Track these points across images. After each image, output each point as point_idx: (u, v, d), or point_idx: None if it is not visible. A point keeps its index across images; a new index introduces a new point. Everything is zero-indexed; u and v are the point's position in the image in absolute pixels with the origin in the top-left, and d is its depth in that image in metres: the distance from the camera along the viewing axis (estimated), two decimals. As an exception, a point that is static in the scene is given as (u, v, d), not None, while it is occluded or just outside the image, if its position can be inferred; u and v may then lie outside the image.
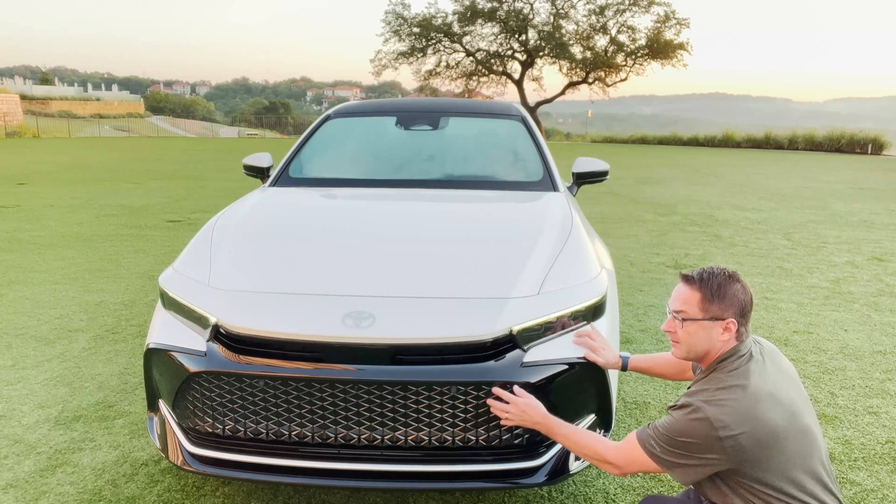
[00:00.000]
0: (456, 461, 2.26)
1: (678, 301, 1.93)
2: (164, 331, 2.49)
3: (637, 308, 5.38)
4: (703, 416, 1.75)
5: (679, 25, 40.51)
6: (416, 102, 4.80)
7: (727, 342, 1.89)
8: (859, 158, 27.67)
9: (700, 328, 1.89)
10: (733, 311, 1.86)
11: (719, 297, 1.87)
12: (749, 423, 1.72)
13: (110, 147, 30.76)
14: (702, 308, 1.88)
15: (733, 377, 1.81)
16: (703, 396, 1.80)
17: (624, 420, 3.41)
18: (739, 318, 1.87)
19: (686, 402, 1.82)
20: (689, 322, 1.91)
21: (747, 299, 1.89)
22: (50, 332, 4.66)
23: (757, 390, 1.77)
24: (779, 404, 1.77)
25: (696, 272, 1.93)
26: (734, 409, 1.74)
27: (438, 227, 3.13)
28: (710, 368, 1.91)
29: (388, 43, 44.00)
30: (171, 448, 2.42)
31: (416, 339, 2.22)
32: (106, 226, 9.03)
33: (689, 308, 1.91)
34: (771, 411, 1.74)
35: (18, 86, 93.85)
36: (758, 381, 1.79)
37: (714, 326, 1.87)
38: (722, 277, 1.88)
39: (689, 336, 1.92)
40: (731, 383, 1.79)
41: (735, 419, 1.72)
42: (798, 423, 1.78)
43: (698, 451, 1.77)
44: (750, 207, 11.62)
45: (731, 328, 1.87)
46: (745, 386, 1.77)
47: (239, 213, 3.23)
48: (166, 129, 69.56)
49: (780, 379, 1.86)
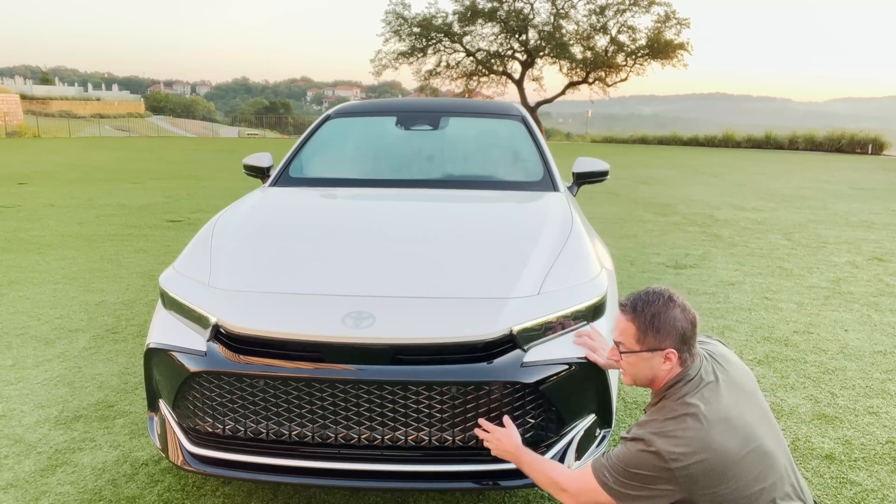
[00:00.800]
0: (456, 461, 2.26)
1: (616, 331, 1.88)
2: (165, 331, 2.50)
3: (637, 308, 5.38)
4: (653, 450, 1.71)
5: (679, 25, 40.50)
6: (417, 102, 4.80)
7: (671, 370, 1.83)
8: (859, 158, 27.67)
9: (639, 359, 1.84)
10: (671, 340, 1.79)
11: (654, 329, 1.80)
12: (701, 452, 1.67)
13: (110, 147, 30.77)
14: (637, 340, 1.82)
15: (682, 405, 1.75)
16: (653, 428, 1.75)
17: (624, 420, 3.41)
18: (680, 345, 1.80)
19: (637, 436, 1.77)
20: (627, 354, 1.85)
21: (687, 325, 1.80)
22: (50, 332, 4.66)
23: (708, 417, 1.71)
24: (732, 429, 1.72)
25: (631, 300, 1.85)
26: (685, 440, 1.69)
27: (438, 227, 3.13)
28: (658, 395, 1.86)
29: (388, 43, 44.02)
30: (172, 448, 2.42)
31: (416, 339, 2.22)
32: (106, 226, 9.03)
33: (625, 339, 1.85)
34: (723, 438, 1.69)
35: (18, 86, 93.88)
36: (709, 408, 1.73)
37: (654, 357, 1.82)
38: (657, 305, 1.80)
39: (631, 367, 1.87)
40: (681, 412, 1.74)
41: (686, 450, 1.68)
42: (753, 445, 1.72)
43: (650, 482, 1.72)
44: (750, 207, 11.61)
45: (672, 358, 1.81)
46: (696, 414, 1.72)
47: (239, 214, 3.23)
48: (166, 129, 69.57)
49: (735, 398, 1.80)
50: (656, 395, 1.88)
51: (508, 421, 2.19)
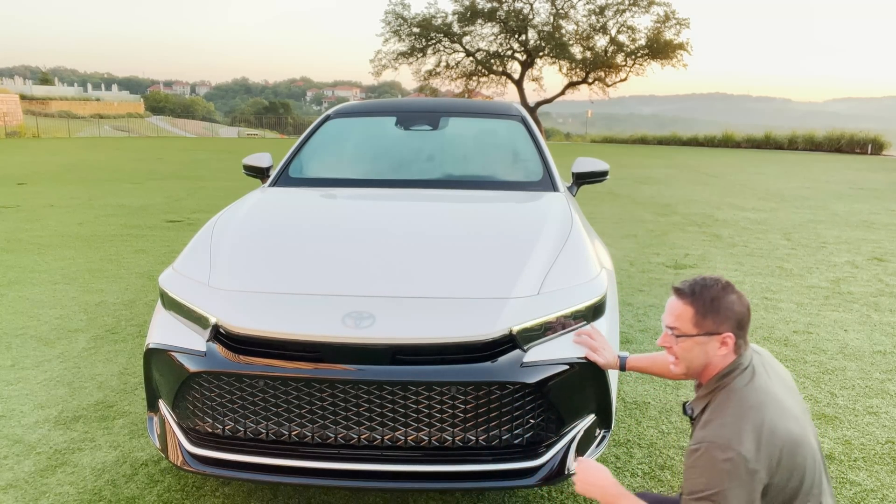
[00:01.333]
0: (456, 461, 2.26)
1: (671, 316, 1.85)
2: (164, 331, 2.50)
3: (637, 308, 5.38)
4: (731, 457, 1.63)
5: (679, 25, 40.50)
6: (416, 102, 4.80)
7: (725, 356, 1.80)
8: (859, 158, 27.67)
9: (696, 344, 1.80)
10: (729, 324, 1.78)
11: (713, 311, 1.78)
12: (774, 443, 1.66)
13: (110, 147, 30.76)
14: (695, 324, 1.80)
15: (743, 397, 1.74)
16: (720, 429, 1.69)
17: (624, 420, 3.41)
18: (736, 330, 1.78)
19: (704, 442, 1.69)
20: (683, 338, 1.82)
21: (744, 310, 1.79)
22: (50, 332, 4.66)
23: (769, 405, 1.71)
24: (791, 416, 1.72)
25: (688, 285, 1.83)
26: (754, 434, 1.66)
27: (438, 227, 3.13)
28: (711, 385, 1.83)
29: (388, 43, 44.01)
30: (171, 448, 2.42)
31: (416, 339, 2.22)
32: (106, 226, 9.03)
33: (682, 324, 1.82)
34: (788, 423, 1.69)
35: (18, 86, 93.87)
36: (766, 396, 1.73)
37: (710, 341, 1.79)
38: (716, 290, 1.79)
39: (686, 352, 1.83)
40: (745, 405, 1.71)
41: (759, 442, 1.65)
42: (805, 437, 1.72)
43: (744, 482, 1.64)
44: (750, 207, 11.62)
45: (729, 342, 1.78)
46: (756, 405, 1.71)
47: (239, 214, 3.23)
48: (166, 130, 69.55)
49: (784, 390, 1.81)
50: (707, 387, 1.84)
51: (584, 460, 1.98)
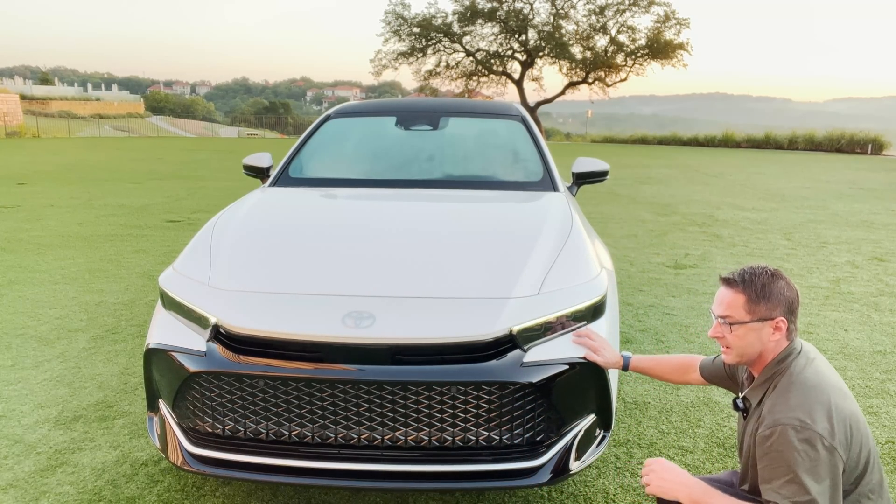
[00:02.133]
0: (456, 461, 2.26)
1: (722, 306, 1.88)
2: (164, 331, 2.50)
3: (637, 308, 5.38)
4: (808, 436, 1.67)
5: (679, 25, 40.51)
6: (416, 102, 4.80)
7: (779, 342, 1.84)
8: (859, 158, 27.67)
9: (749, 331, 1.84)
10: (781, 309, 1.82)
11: (765, 297, 1.82)
12: (843, 419, 1.71)
13: (110, 147, 30.76)
14: (748, 310, 1.83)
15: (805, 378, 1.78)
16: (790, 411, 1.72)
17: (624, 420, 3.41)
18: (788, 315, 1.83)
19: (775, 425, 1.71)
20: (737, 326, 1.85)
21: (793, 296, 1.84)
22: (50, 332, 4.66)
23: (829, 384, 1.77)
24: (848, 395, 1.78)
25: (738, 273, 1.88)
26: (825, 412, 1.69)
27: (438, 226, 3.13)
28: (768, 372, 1.86)
29: (388, 43, 44.03)
30: (171, 448, 2.42)
31: (416, 339, 2.22)
32: (106, 226, 9.03)
33: (734, 312, 1.85)
34: (847, 401, 1.76)
35: (18, 86, 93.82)
36: (824, 378, 1.79)
37: (763, 327, 1.83)
38: (765, 276, 1.84)
39: (739, 340, 1.86)
40: (809, 385, 1.75)
41: (831, 421, 1.68)
42: (860, 412, 1.79)
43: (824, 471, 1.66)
44: (750, 207, 11.61)
45: (782, 327, 1.82)
46: (819, 385, 1.76)
47: (239, 213, 3.22)
48: (166, 130, 69.55)
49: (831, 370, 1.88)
50: (764, 374, 1.87)
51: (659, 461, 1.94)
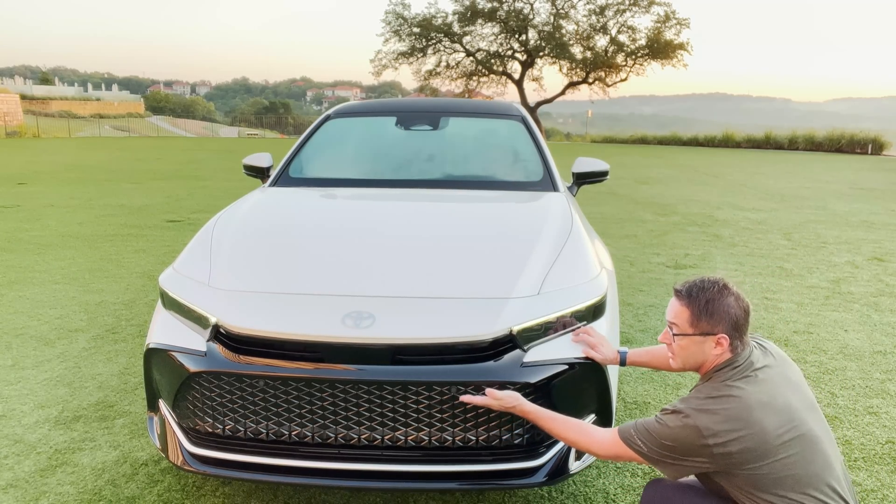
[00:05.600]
0: (456, 461, 2.26)
1: (672, 314, 1.94)
2: (164, 331, 2.50)
3: (637, 308, 5.38)
4: (692, 424, 1.76)
5: (679, 25, 40.53)
6: (416, 102, 4.80)
7: (721, 355, 1.88)
8: (859, 158, 27.67)
9: (691, 343, 1.90)
10: (724, 326, 1.85)
11: (707, 314, 1.86)
12: (739, 430, 1.72)
13: (110, 147, 30.76)
14: (691, 324, 1.88)
15: (725, 387, 1.81)
16: (694, 404, 1.81)
17: (624, 420, 3.41)
18: (732, 332, 1.85)
19: (677, 408, 1.83)
20: (680, 337, 1.92)
21: (740, 313, 1.86)
22: (50, 332, 4.66)
23: (749, 398, 1.77)
24: (773, 411, 1.76)
25: (686, 286, 1.92)
26: (724, 417, 1.74)
27: (438, 227, 3.13)
28: (706, 377, 1.92)
29: (388, 43, 44.04)
30: (171, 448, 2.42)
31: (416, 339, 2.22)
32: (106, 226, 9.03)
33: (679, 323, 1.91)
34: (763, 418, 1.74)
35: (18, 86, 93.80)
36: (752, 390, 1.79)
37: (706, 341, 1.88)
38: (712, 292, 1.86)
39: (682, 350, 1.93)
40: (724, 393, 1.80)
41: (724, 427, 1.73)
42: (796, 428, 1.76)
43: (685, 454, 1.79)
44: (750, 207, 11.62)
45: (724, 343, 1.86)
46: (738, 396, 1.78)
47: (239, 213, 3.23)
48: (166, 129, 69.53)
49: (781, 387, 1.84)
50: (703, 378, 1.94)
51: (491, 391, 2.15)
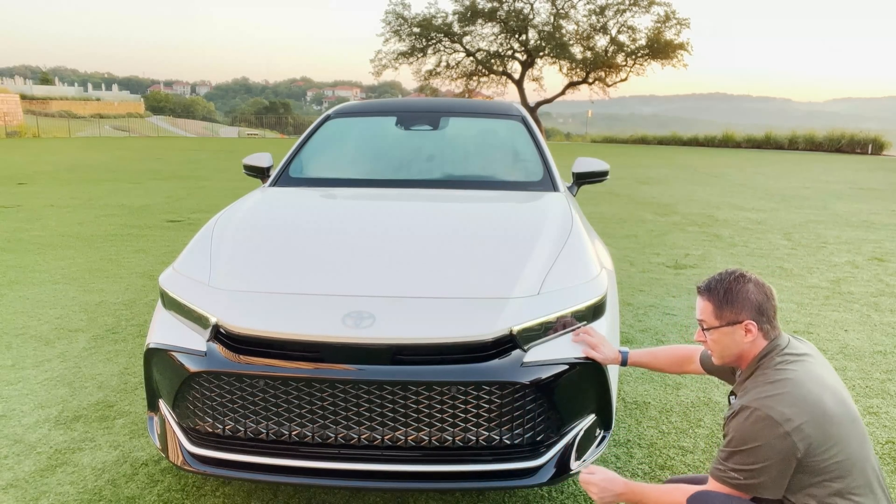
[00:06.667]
0: (456, 461, 2.26)
1: (698, 311, 2.00)
2: (165, 331, 2.50)
3: (637, 308, 5.38)
4: (763, 415, 1.75)
5: (679, 25, 40.51)
6: (417, 102, 4.80)
7: (755, 342, 1.92)
8: (859, 158, 27.67)
9: (721, 335, 1.94)
10: (748, 312, 1.90)
11: (729, 303, 1.91)
12: (807, 412, 1.73)
13: (110, 147, 30.76)
14: (716, 316, 1.93)
15: (778, 371, 1.84)
16: (754, 395, 1.81)
17: (624, 420, 3.41)
18: (757, 316, 1.90)
19: (741, 407, 1.82)
20: (710, 331, 1.96)
21: (762, 297, 1.91)
22: (50, 332, 4.66)
23: (803, 377, 1.80)
24: (827, 389, 1.79)
25: (706, 282, 1.98)
26: (790, 400, 1.75)
27: (438, 227, 3.13)
28: (751, 368, 1.93)
29: (388, 43, 44.00)
30: (171, 448, 2.42)
31: (416, 339, 2.22)
32: (106, 226, 9.03)
33: (706, 317, 1.97)
34: (822, 398, 1.76)
35: (18, 86, 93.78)
36: (802, 370, 1.82)
37: (735, 331, 1.91)
38: (729, 281, 1.92)
39: (715, 343, 1.97)
40: (778, 377, 1.82)
41: (794, 410, 1.73)
42: (849, 410, 1.80)
43: (770, 453, 1.74)
44: (750, 207, 11.61)
45: (752, 329, 1.90)
46: (793, 379, 1.80)
47: (239, 213, 3.23)
48: (166, 129, 69.51)
49: (825, 370, 1.89)
50: (747, 370, 1.95)
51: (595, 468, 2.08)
